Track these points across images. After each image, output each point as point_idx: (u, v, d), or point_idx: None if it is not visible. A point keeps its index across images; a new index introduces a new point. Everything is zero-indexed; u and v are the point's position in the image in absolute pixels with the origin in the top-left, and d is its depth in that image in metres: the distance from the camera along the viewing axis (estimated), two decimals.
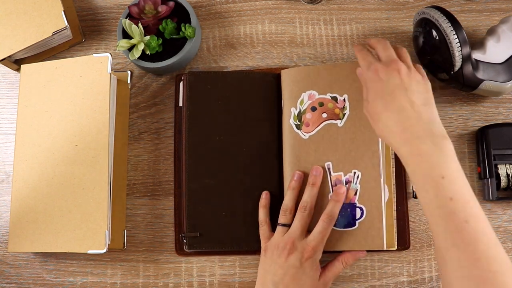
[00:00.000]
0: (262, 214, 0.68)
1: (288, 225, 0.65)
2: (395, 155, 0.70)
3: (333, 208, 0.65)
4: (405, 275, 0.69)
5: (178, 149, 0.73)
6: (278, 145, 0.70)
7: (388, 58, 0.60)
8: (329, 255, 0.70)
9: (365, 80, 0.62)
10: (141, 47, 0.70)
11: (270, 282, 0.62)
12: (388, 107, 0.57)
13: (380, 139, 0.67)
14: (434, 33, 0.67)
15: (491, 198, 0.68)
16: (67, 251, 0.66)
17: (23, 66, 0.72)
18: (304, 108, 0.69)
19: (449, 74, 0.68)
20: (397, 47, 0.63)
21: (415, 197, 0.70)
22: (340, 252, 0.68)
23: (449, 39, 0.65)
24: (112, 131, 0.72)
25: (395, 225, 0.67)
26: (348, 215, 0.66)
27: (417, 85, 0.58)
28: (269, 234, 0.66)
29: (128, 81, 0.76)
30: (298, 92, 0.70)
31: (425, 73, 0.61)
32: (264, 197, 0.68)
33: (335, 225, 0.66)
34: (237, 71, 0.74)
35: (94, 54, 0.70)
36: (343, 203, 0.66)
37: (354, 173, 0.67)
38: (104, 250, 0.65)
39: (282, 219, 0.66)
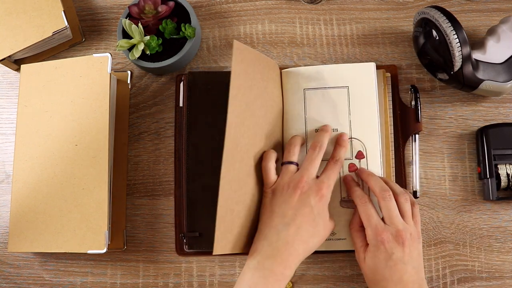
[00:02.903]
0: (269, 156, 0.64)
1: (295, 164, 0.63)
2: (395, 154, 0.70)
3: (338, 152, 0.65)
4: None
5: (178, 149, 0.73)
6: (279, 145, 0.70)
7: (397, 226, 0.60)
8: (325, 255, 0.70)
9: (360, 235, 0.63)
10: (141, 47, 0.70)
11: (280, 224, 0.59)
12: (387, 277, 0.59)
13: (380, 140, 0.67)
14: (434, 33, 0.67)
15: (491, 198, 0.68)
16: (67, 251, 0.66)
17: (23, 66, 0.72)
18: None
19: (449, 74, 0.68)
20: (412, 205, 0.63)
21: (415, 197, 0.70)
22: (337, 252, 0.69)
23: (449, 39, 0.65)
24: (112, 131, 0.72)
25: None
26: None
27: (415, 251, 0.60)
28: (274, 180, 0.63)
29: (128, 81, 0.76)
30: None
31: (419, 223, 0.63)
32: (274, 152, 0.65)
33: None
34: None
35: (94, 54, 0.70)
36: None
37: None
38: (104, 250, 0.65)
39: (289, 156, 0.64)
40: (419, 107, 0.71)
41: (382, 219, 0.61)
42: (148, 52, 0.72)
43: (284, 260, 0.58)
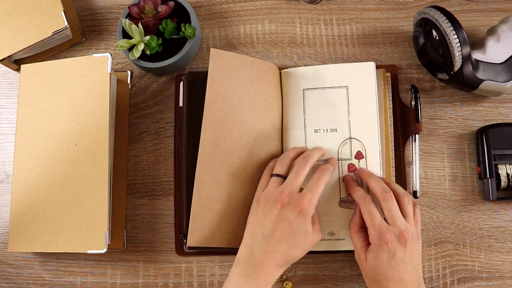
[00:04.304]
0: (271, 165, 0.66)
1: (283, 177, 0.64)
2: (395, 154, 0.70)
3: (327, 166, 0.64)
4: None
5: (178, 149, 0.73)
6: (279, 145, 0.70)
7: (399, 226, 0.60)
8: (325, 255, 0.70)
9: (360, 235, 0.63)
10: (141, 47, 0.70)
11: (260, 236, 0.61)
12: (388, 277, 0.59)
13: (380, 140, 0.67)
14: (434, 33, 0.67)
15: (491, 198, 0.68)
16: (67, 251, 0.66)
17: (23, 66, 0.72)
18: None
19: (449, 74, 0.68)
20: (415, 208, 0.63)
21: (415, 197, 0.70)
22: (337, 252, 0.69)
23: (449, 39, 0.65)
24: (112, 131, 0.72)
25: None
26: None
27: (414, 251, 0.61)
28: (264, 188, 0.65)
29: (128, 81, 0.76)
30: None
31: (420, 223, 0.63)
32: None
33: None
34: None
35: (94, 54, 0.70)
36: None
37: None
38: (104, 250, 0.65)
39: (278, 169, 0.64)
40: (419, 107, 0.71)
41: (384, 219, 0.61)
42: (148, 52, 0.72)
43: (265, 268, 0.59)
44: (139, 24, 0.70)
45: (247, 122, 0.66)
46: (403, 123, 0.71)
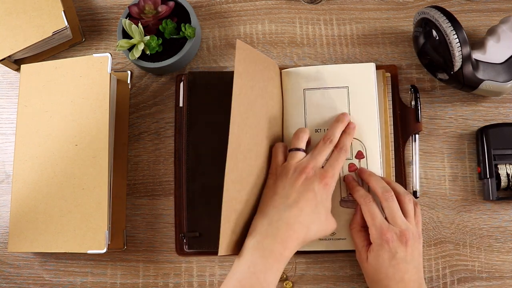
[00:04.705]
0: (281, 145, 0.66)
1: (302, 150, 0.64)
2: (395, 154, 0.70)
3: (343, 140, 0.65)
4: None
5: (178, 149, 0.73)
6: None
7: (400, 226, 0.61)
8: (325, 255, 0.70)
9: (361, 235, 0.63)
10: (141, 47, 0.70)
11: (282, 205, 0.59)
12: (390, 276, 0.59)
13: (380, 140, 0.67)
14: (434, 33, 0.67)
15: (491, 198, 0.68)
16: (67, 251, 0.66)
17: (23, 66, 0.72)
18: None
19: (449, 74, 0.68)
20: (416, 206, 0.64)
21: (415, 197, 0.70)
22: (337, 252, 0.69)
23: (449, 39, 0.65)
24: (112, 131, 0.72)
25: None
26: None
27: (415, 251, 0.61)
28: (281, 163, 0.64)
29: (128, 81, 0.76)
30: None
31: (420, 223, 0.63)
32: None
33: None
34: None
35: (94, 54, 0.70)
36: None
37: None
38: (104, 250, 0.65)
39: (297, 143, 0.64)
40: (419, 107, 0.71)
41: (385, 218, 0.62)
42: (148, 52, 0.72)
43: (284, 240, 0.57)
44: (139, 24, 0.70)
45: (261, 119, 0.65)
46: (403, 123, 0.71)
